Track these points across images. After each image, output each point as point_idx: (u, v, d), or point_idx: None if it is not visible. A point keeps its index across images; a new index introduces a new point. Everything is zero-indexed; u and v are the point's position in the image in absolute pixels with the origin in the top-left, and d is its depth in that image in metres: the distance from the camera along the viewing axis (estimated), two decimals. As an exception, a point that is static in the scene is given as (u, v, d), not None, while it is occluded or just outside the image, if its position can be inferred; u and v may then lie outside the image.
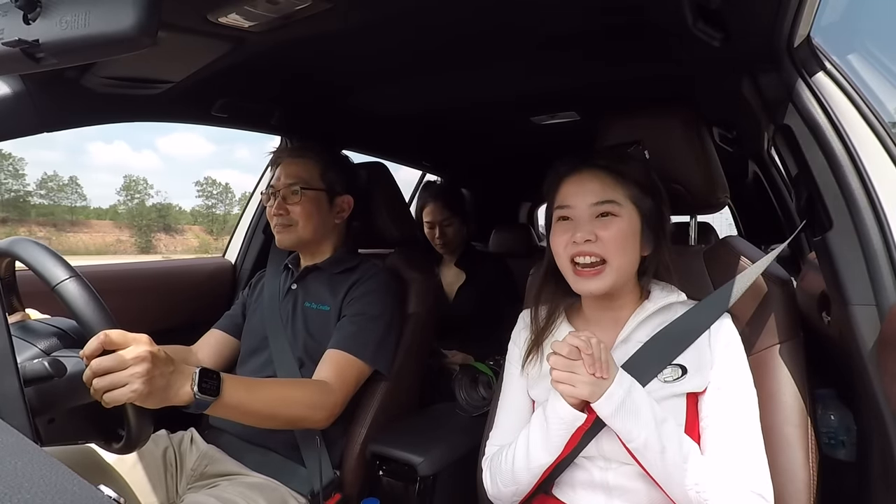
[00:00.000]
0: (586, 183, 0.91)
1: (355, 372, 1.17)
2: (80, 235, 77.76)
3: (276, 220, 1.29)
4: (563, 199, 0.92)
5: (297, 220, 1.28)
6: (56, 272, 0.75)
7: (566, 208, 0.91)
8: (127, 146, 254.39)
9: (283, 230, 1.30)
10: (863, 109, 0.87)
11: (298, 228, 1.29)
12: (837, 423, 1.06)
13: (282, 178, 1.30)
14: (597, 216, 0.89)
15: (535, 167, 2.52)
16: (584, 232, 0.87)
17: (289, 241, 1.31)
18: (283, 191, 1.29)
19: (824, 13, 0.92)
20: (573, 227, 0.90)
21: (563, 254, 0.91)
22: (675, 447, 0.78)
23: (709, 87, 1.36)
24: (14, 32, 0.55)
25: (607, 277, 0.88)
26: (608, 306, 0.95)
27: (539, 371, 0.96)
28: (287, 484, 1.11)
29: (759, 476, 0.78)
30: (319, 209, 1.31)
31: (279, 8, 0.87)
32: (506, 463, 0.91)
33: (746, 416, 0.82)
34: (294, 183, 1.29)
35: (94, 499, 0.32)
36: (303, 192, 1.28)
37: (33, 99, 1.02)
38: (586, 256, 0.88)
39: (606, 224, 0.88)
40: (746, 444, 0.80)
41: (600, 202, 0.88)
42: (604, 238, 0.87)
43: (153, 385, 0.78)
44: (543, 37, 1.10)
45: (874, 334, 0.77)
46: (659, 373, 0.86)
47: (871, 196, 0.80)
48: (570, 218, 0.91)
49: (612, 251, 0.87)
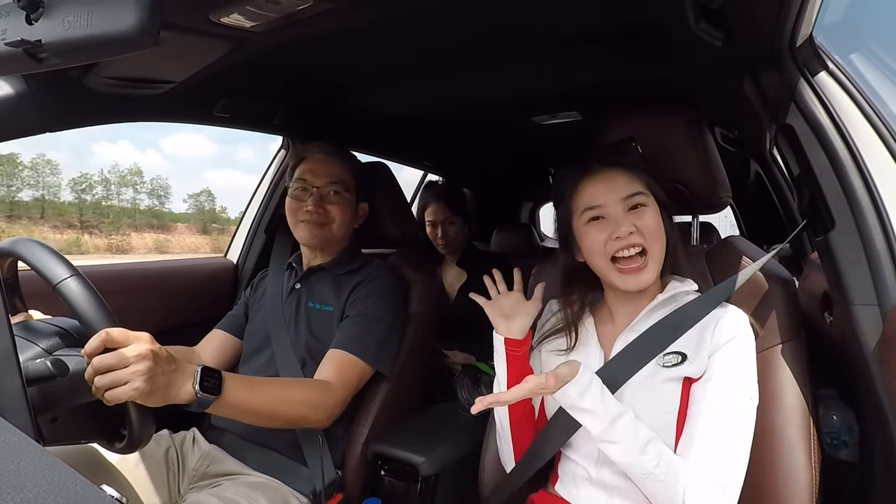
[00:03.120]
0: (611, 180, 0.92)
1: (357, 372, 1.17)
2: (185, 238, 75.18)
3: (309, 216, 1.26)
4: (590, 199, 0.93)
5: (334, 219, 1.28)
6: (57, 271, 0.76)
7: (597, 208, 0.92)
8: (131, 146, 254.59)
9: (317, 228, 1.27)
10: (865, 109, 0.87)
11: (332, 228, 1.28)
12: (840, 423, 1.06)
13: (320, 174, 1.28)
14: (629, 209, 0.90)
15: (536, 167, 2.54)
16: (627, 225, 0.88)
17: (319, 239, 1.29)
18: (323, 189, 1.27)
19: (826, 13, 0.91)
20: (610, 224, 0.90)
21: (602, 252, 0.91)
22: (630, 440, 0.79)
23: (711, 86, 1.36)
24: (17, 33, 0.55)
25: (651, 270, 0.90)
26: (635, 297, 0.95)
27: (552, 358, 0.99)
28: (289, 484, 1.11)
29: (728, 468, 0.78)
30: (350, 211, 1.31)
31: (281, 8, 0.87)
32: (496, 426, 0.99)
33: (733, 409, 0.81)
34: (335, 182, 1.28)
35: (96, 498, 0.32)
36: (343, 193, 1.28)
37: (36, 99, 1.03)
38: (631, 249, 0.89)
39: (640, 214, 0.90)
40: (723, 437, 0.79)
41: (630, 195, 0.90)
42: (642, 228, 0.89)
43: (154, 383, 0.78)
44: (545, 37, 1.10)
45: (876, 334, 0.77)
46: (653, 357, 0.87)
47: (874, 196, 0.80)
48: (604, 217, 0.91)
49: (651, 239, 0.89)
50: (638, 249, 0.89)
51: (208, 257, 2.01)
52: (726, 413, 0.81)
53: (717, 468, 0.78)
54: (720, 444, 0.79)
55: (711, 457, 0.78)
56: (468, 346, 1.87)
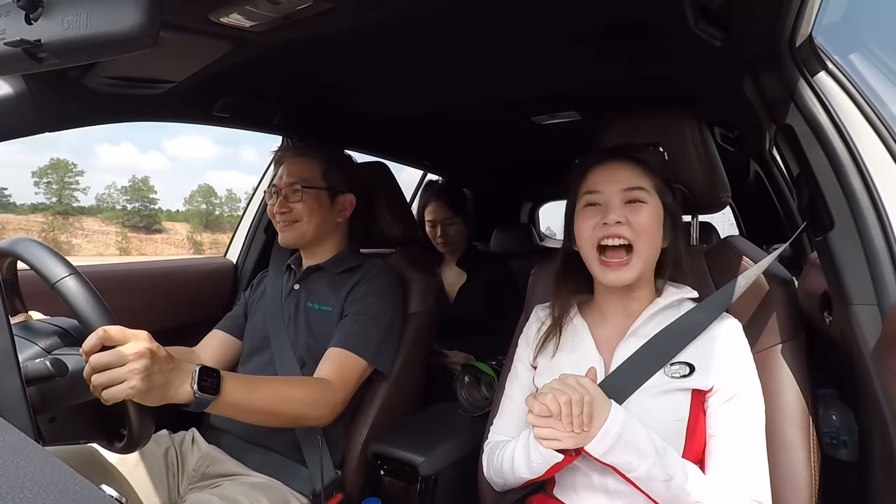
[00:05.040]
0: (616, 170, 0.92)
1: (357, 370, 1.17)
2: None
3: (279, 217, 1.29)
4: (591, 185, 0.93)
5: (299, 216, 1.28)
6: (56, 270, 0.76)
7: (595, 193, 0.92)
8: (134, 147, 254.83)
9: (287, 227, 1.30)
10: (864, 109, 0.87)
11: (301, 225, 1.29)
12: (839, 423, 1.06)
13: (284, 176, 1.31)
14: (626, 202, 0.90)
15: (536, 167, 2.55)
16: (616, 214, 0.88)
17: (292, 238, 1.31)
18: (285, 189, 1.29)
19: (826, 12, 0.91)
20: (602, 210, 0.91)
21: (589, 238, 0.91)
22: (681, 473, 0.78)
23: (710, 86, 1.36)
24: (16, 32, 0.55)
25: (634, 267, 0.89)
26: (625, 300, 0.95)
27: (548, 364, 0.97)
28: (288, 484, 1.10)
29: (759, 483, 0.80)
30: (321, 207, 1.31)
31: (280, 8, 0.87)
32: (497, 461, 0.95)
33: (753, 424, 0.83)
34: (295, 182, 1.29)
35: (95, 498, 0.32)
36: (304, 191, 1.28)
37: (35, 99, 1.02)
38: (615, 239, 0.88)
39: (636, 210, 0.89)
40: (750, 453, 0.81)
41: (630, 188, 0.90)
42: (633, 223, 0.88)
43: (152, 382, 0.78)
44: (545, 37, 1.10)
45: (876, 334, 0.77)
46: (660, 369, 0.86)
47: (873, 196, 0.80)
48: (599, 203, 0.92)
49: (640, 236, 0.88)
50: (623, 241, 0.88)
51: (208, 257, 2.01)
52: (752, 429, 0.82)
53: (753, 486, 0.79)
54: (752, 462, 0.80)
55: (747, 476, 0.79)
56: (468, 346, 1.87)
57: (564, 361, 0.96)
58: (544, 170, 2.54)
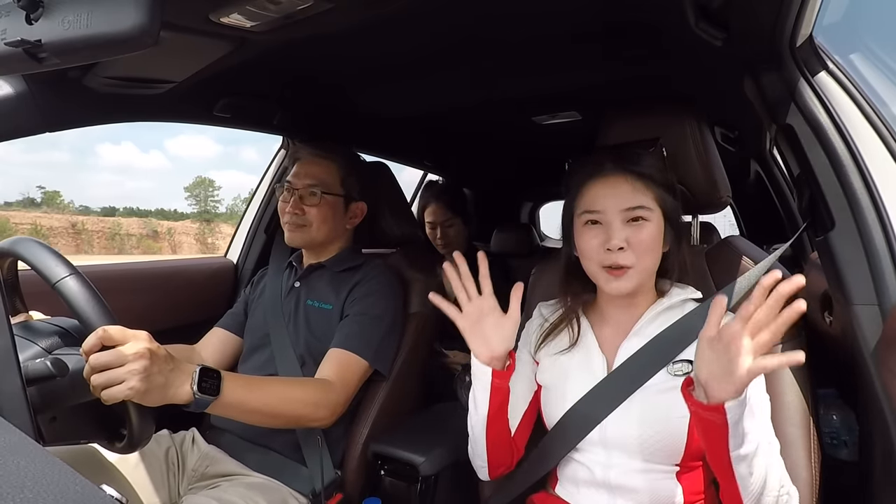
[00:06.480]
0: (616, 187, 0.90)
1: (358, 371, 1.17)
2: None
3: (290, 217, 1.28)
4: (591, 202, 0.91)
5: (311, 221, 1.27)
6: (56, 270, 0.76)
7: (596, 213, 0.90)
8: (135, 147, 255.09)
9: (296, 229, 1.28)
10: (865, 109, 0.87)
11: (311, 230, 1.28)
12: (840, 423, 1.06)
13: (301, 176, 1.29)
14: (628, 221, 0.89)
15: (536, 167, 2.54)
16: (618, 240, 0.87)
17: (299, 240, 1.30)
18: (302, 190, 1.27)
19: (826, 12, 0.91)
20: (604, 231, 0.89)
21: (594, 258, 0.91)
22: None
23: (710, 86, 1.36)
24: (17, 32, 0.55)
25: (631, 279, 0.89)
26: (627, 303, 0.95)
27: (551, 361, 0.98)
28: (288, 484, 1.11)
29: (783, 474, 0.79)
30: (335, 214, 1.30)
31: (281, 8, 0.87)
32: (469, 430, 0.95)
33: (763, 419, 0.82)
34: (314, 185, 1.28)
35: (96, 498, 0.32)
36: (322, 196, 1.27)
37: (36, 99, 1.02)
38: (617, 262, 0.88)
39: (638, 229, 0.88)
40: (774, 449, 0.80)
41: (632, 208, 0.88)
42: (634, 244, 0.87)
43: (151, 382, 0.78)
44: (545, 37, 1.10)
45: (876, 334, 0.77)
46: (662, 367, 0.87)
47: (874, 195, 0.80)
48: (600, 222, 0.90)
49: (641, 255, 0.88)
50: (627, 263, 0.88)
51: (208, 257, 2.01)
52: (763, 424, 0.81)
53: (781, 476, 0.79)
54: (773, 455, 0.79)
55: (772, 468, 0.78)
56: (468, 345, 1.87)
57: (567, 360, 0.96)
58: (545, 170, 2.54)
